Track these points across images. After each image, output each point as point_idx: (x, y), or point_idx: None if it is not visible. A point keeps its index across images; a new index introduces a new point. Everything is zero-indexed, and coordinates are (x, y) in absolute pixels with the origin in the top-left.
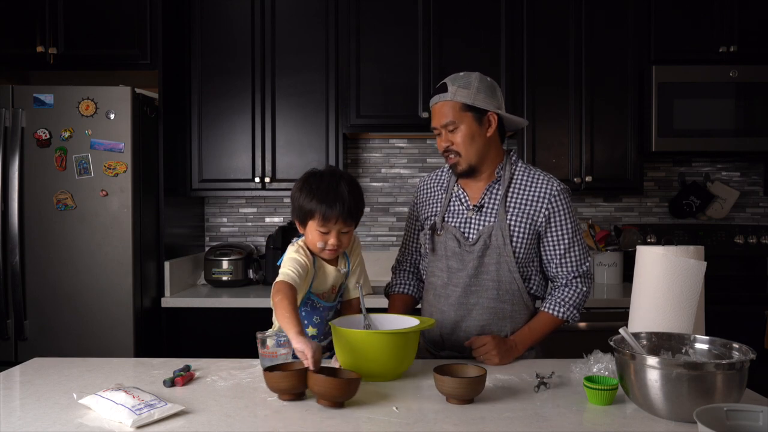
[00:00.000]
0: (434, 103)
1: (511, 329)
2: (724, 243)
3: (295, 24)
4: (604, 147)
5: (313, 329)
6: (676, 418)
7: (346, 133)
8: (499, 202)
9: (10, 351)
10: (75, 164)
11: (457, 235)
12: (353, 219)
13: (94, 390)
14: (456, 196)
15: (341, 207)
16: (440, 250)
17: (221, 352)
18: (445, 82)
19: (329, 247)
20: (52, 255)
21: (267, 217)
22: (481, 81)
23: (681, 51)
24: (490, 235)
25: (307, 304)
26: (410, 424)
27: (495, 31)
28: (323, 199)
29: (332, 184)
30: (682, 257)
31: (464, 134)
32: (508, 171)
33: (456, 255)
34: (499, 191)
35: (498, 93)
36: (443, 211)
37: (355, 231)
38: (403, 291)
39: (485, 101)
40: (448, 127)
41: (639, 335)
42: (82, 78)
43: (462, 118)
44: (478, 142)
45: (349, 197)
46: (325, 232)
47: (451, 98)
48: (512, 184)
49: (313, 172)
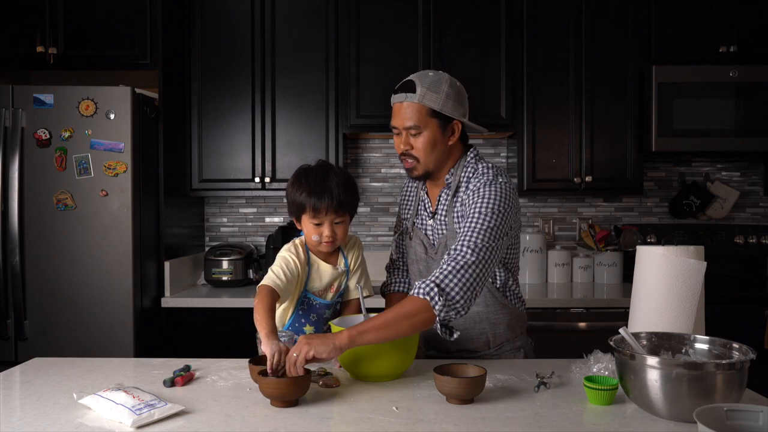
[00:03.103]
0: (398, 101)
1: (490, 330)
2: (724, 243)
3: (295, 24)
4: (604, 147)
5: (310, 327)
6: (676, 418)
7: (346, 133)
8: (447, 209)
9: (10, 351)
10: (75, 164)
11: (424, 242)
12: (344, 208)
13: (94, 390)
14: (422, 200)
15: (330, 197)
16: (411, 254)
17: (221, 352)
18: (412, 80)
19: (324, 239)
20: (52, 255)
21: (267, 217)
22: (451, 86)
23: (681, 51)
24: (445, 245)
25: (303, 302)
26: (410, 424)
27: (495, 31)
28: (312, 191)
29: (321, 176)
30: (682, 257)
31: (426, 140)
32: (458, 175)
33: (422, 261)
34: (449, 197)
35: (465, 100)
36: (414, 215)
37: (356, 232)
38: (399, 289)
39: (453, 109)
40: (410, 131)
41: (639, 335)
42: (82, 78)
43: (427, 123)
44: (439, 149)
45: (339, 187)
46: (318, 223)
47: (419, 101)
48: (459, 188)
49: (304, 167)
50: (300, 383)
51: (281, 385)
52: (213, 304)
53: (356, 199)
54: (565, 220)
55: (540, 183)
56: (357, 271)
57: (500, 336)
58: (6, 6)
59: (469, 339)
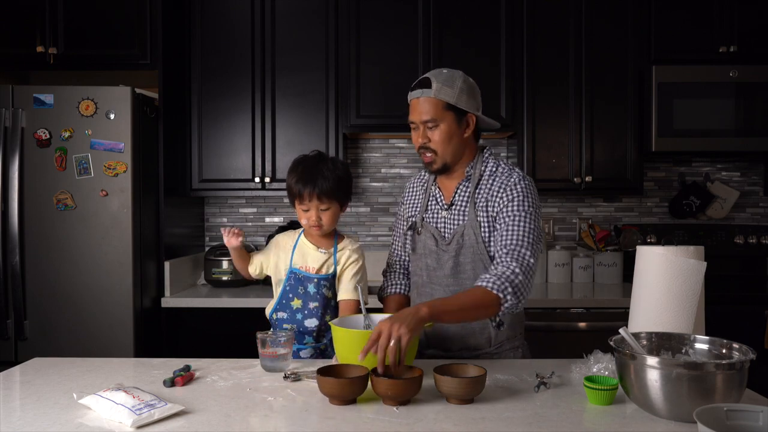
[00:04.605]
0: (415, 97)
1: (494, 327)
2: (724, 243)
3: (294, 24)
4: (604, 147)
5: (297, 301)
6: (676, 418)
7: (346, 133)
8: (468, 201)
9: (10, 351)
10: (75, 164)
11: (434, 234)
12: (329, 196)
13: (94, 390)
14: (433, 195)
15: (313, 184)
16: (420, 248)
17: (221, 352)
18: (428, 77)
19: (310, 223)
20: (52, 255)
21: (267, 217)
22: (464, 81)
23: (681, 51)
24: (462, 235)
25: (290, 278)
26: (410, 424)
27: (495, 31)
28: (300, 178)
29: (311, 164)
30: (682, 257)
31: (443, 133)
32: (478, 169)
33: (433, 253)
34: (469, 189)
35: (478, 95)
36: (423, 210)
37: (356, 232)
38: (397, 292)
39: (467, 102)
40: (427, 124)
41: (639, 335)
42: (82, 78)
43: (443, 116)
44: (455, 141)
45: (327, 176)
46: (305, 209)
47: (435, 95)
48: (481, 182)
49: (301, 156)
50: (417, 381)
51: (398, 385)
52: (213, 304)
53: (344, 189)
54: (565, 220)
55: (540, 183)
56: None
57: (501, 334)
58: (6, 6)
59: (472, 335)
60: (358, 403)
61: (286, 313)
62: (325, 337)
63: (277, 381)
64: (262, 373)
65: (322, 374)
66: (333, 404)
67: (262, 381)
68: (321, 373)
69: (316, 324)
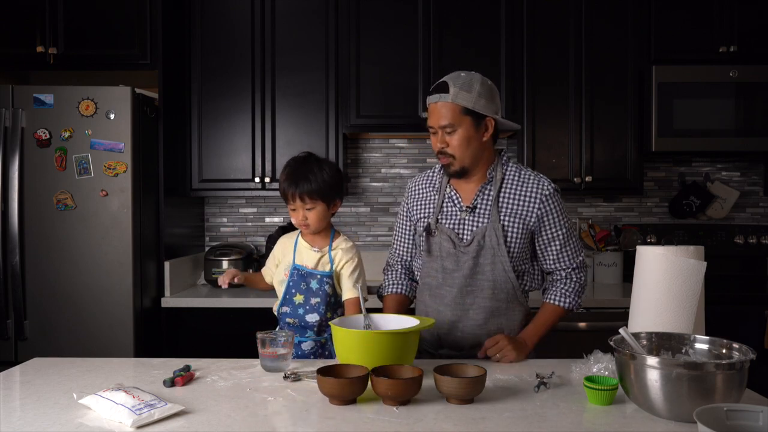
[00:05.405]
0: (433, 102)
1: (506, 325)
2: (724, 243)
3: (294, 24)
4: (604, 147)
5: (300, 296)
6: (676, 418)
7: (346, 133)
8: (491, 203)
9: (10, 351)
10: (75, 164)
11: (451, 236)
12: (311, 197)
13: (94, 390)
14: (449, 197)
15: (295, 185)
16: (435, 251)
17: (221, 352)
18: (446, 81)
19: (298, 221)
20: (52, 255)
21: (267, 217)
22: (482, 85)
23: (681, 51)
24: (483, 236)
25: (294, 274)
26: (410, 424)
27: (495, 31)
28: (286, 179)
29: (298, 165)
30: (682, 257)
31: (461, 138)
32: (499, 172)
33: (451, 256)
34: (491, 192)
35: (497, 97)
36: (437, 213)
37: (356, 232)
38: (396, 291)
39: (485, 106)
40: (445, 129)
41: (639, 335)
42: (82, 78)
43: (461, 121)
44: (474, 145)
45: (311, 177)
46: (293, 209)
47: (452, 100)
48: (504, 185)
49: (293, 157)
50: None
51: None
52: (213, 304)
53: (329, 190)
54: None
55: None
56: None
57: (513, 332)
58: (6, 6)
59: (487, 333)
60: (358, 403)
61: (289, 307)
62: (325, 331)
63: (277, 381)
64: (262, 373)
65: (322, 374)
66: (333, 404)
67: (262, 381)
68: (321, 373)
69: (317, 319)
